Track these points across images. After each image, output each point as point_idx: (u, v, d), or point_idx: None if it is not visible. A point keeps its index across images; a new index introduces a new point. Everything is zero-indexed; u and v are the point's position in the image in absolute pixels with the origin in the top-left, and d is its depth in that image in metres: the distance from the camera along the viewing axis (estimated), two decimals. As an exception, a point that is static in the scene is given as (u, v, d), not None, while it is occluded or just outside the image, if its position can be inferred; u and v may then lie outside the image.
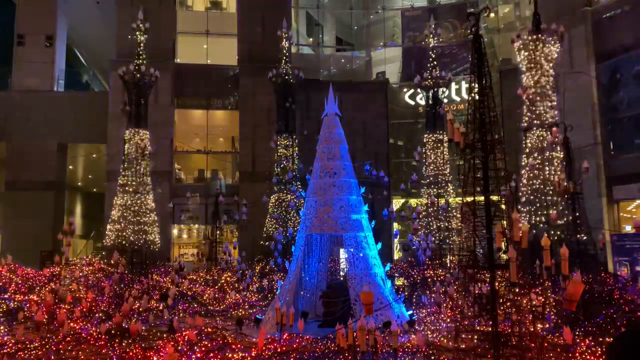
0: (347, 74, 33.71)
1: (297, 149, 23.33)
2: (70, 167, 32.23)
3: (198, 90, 29.39)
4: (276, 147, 22.58)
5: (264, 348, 8.99)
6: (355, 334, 6.91)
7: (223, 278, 18.32)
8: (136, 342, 9.96)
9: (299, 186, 22.44)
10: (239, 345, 9.60)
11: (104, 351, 9.34)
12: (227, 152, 30.58)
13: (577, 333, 8.37)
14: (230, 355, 8.57)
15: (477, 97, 6.21)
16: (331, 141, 14.94)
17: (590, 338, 8.17)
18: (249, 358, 8.46)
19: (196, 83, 29.09)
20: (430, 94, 23.16)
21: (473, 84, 6.38)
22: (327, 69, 34.92)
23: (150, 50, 22.70)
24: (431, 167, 22.61)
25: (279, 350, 9.10)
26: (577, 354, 7.56)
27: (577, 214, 13.72)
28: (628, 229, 23.12)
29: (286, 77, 23.49)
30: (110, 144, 27.15)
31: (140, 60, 20.37)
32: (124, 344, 9.89)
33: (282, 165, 22.07)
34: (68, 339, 10.03)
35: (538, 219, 15.50)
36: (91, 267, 17.31)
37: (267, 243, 21.10)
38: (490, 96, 6.25)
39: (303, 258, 14.69)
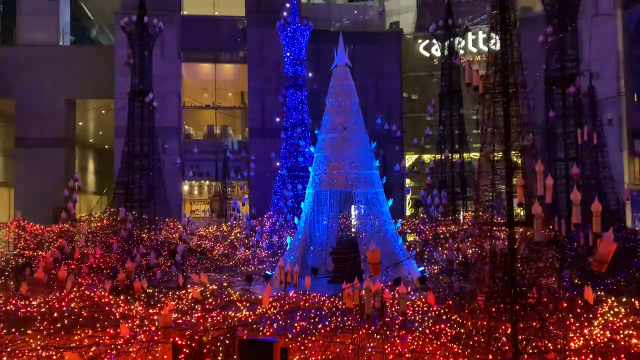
0: (359, 25, 32.45)
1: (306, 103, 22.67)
2: (80, 123, 31.94)
3: (205, 43, 28.50)
4: (284, 100, 21.93)
5: (269, 306, 8.73)
6: (362, 293, 6.56)
7: (233, 234, 18.16)
8: (140, 300, 9.78)
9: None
10: (244, 303, 9.37)
11: (107, 308, 9.17)
12: (236, 108, 29.99)
13: (599, 292, 7.96)
14: (233, 313, 8.33)
15: (498, 35, 5.57)
16: (341, 94, 14.30)
17: (613, 298, 7.77)
18: (252, 316, 8.22)
19: (203, 36, 28.17)
20: (446, 45, 22.13)
21: (494, 22, 5.73)
22: (339, 20, 33.63)
23: (156, 2, 21.86)
24: (446, 121, 21.85)
25: (285, 307, 8.85)
26: (599, 314, 7.17)
27: (600, 167, 13.09)
28: (649, 184, 22.41)
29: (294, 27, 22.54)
30: (117, 99, 26.66)
31: (143, 12, 19.59)
32: (128, 301, 9.73)
33: (291, 121, 21.47)
34: (71, 295, 9.88)
35: (559, 173, 14.85)
36: (99, 224, 17.20)
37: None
38: (513, 34, 5.61)
39: (313, 215, 14.38)
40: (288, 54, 22.34)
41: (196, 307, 8.81)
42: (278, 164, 22.16)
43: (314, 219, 14.54)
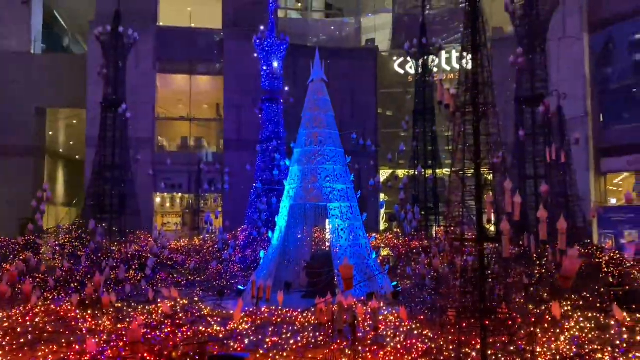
0: (336, 41, 32.81)
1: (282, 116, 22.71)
2: (50, 132, 31.28)
3: (181, 54, 28.37)
4: (260, 113, 21.93)
5: (241, 321, 8.64)
6: (334, 307, 6.55)
7: (205, 248, 17.94)
8: (109, 314, 9.56)
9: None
10: (215, 318, 9.25)
11: (73, 323, 8.93)
12: (211, 120, 29.84)
13: (566, 307, 8.12)
14: (204, 329, 8.20)
15: (469, 55, 5.72)
16: (317, 108, 14.39)
17: (579, 313, 7.93)
18: (223, 331, 8.11)
19: (179, 47, 28.05)
20: (420, 63, 22.54)
21: (465, 42, 5.88)
22: (316, 35, 33.95)
23: (131, 12, 21.70)
24: (420, 138, 22.17)
25: (257, 323, 8.77)
26: (566, 329, 7.30)
27: (568, 186, 13.44)
28: (613, 202, 23.06)
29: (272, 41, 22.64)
30: (90, 108, 26.24)
31: (119, 21, 19.44)
32: (96, 315, 9.49)
33: (267, 134, 21.44)
34: (36, 310, 9.60)
35: (528, 190, 15.19)
36: (68, 236, 16.79)
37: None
38: (484, 54, 5.76)
39: (287, 228, 14.33)
40: (264, 68, 22.40)
41: (166, 322, 8.64)
42: (253, 176, 22.07)
43: (289, 232, 14.49)
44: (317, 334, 7.86)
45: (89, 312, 9.75)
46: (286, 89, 24.31)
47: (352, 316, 6.39)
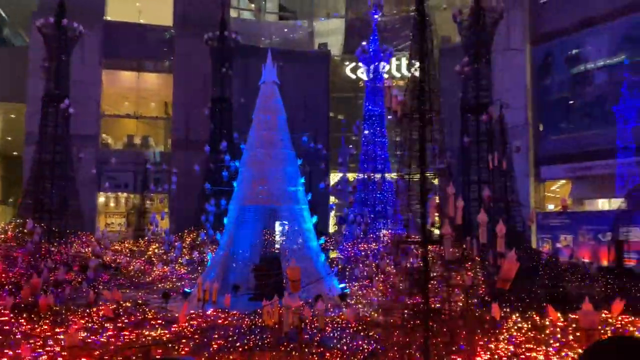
0: (289, 44, 32.82)
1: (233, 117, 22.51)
2: (-14, 127, 29.70)
3: (129, 51, 27.57)
4: (211, 114, 21.64)
5: (186, 324, 8.48)
6: (281, 310, 6.56)
7: (150, 250, 17.50)
8: (46, 318, 9.15)
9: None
10: (159, 321, 9.03)
11: (6, 327, 8.48)
12: (159, 118, 29.15)
13: (505, 309, 8.46)
14: (147, 332, 8.00)
15: (417, 63, 5.88)
16: (268, 110, 14.35)
17: (517, 314, 8.28)
18: (168, 335, 7.94)
19: (127, 43, 27.25)
20: (371, 68, 22.91)
21: (413, 51, 6.05)
22: (269, 37, 33.84)
23: (77, 5, 20.90)
24: (370, 142, 22.53)
25: (202, 325, 8.62)
26: (504, 330, 7.60)
27: (509, 191, 14.01)
28: (551, 207, 24.21)
29: (224, 41, 22.41)
30: (29, 103, 25.06)
31: (63, 14, 18.68)
32: (32, 319, 9.06)
33: (216, 134, 21.19)
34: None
35: (474, 195, 15.72)
36: (3, 236, 15.96)
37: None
38: (432, 63, 5.94)
39: (235, 230, 14.18)
40: (215, 67, 22.14)
41: (107, 325, 8.37)
42: (201, 177, 21.72)
43: (237, 235, 14.35)
44: (264, 336, 7.83)
45: (24, 316, 9.30)
46: (237, 89, 24.10)
47: (298, 318, 6.42)
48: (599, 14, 20.87)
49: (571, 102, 23.11)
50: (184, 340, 7.77)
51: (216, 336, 8.04)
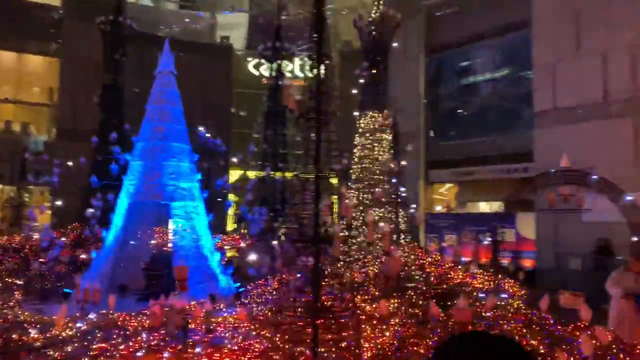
0: (189, 34, 31.79)
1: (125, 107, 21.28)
2: None
3: (10, 28, 25.11)
4: (100, 103, 20.32)
5: (65, 327, 7.87)
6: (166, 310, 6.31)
7: (27, 246, 16.07)
8: None
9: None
10: (34, 325, 8.30)
11: None
12: (42, 104, 26.87)
13: (393, 305, 8.83)
14: (17, 337, 7.31)
15: (315, 64, 5.95)
16: (164, 101, 13.78)
17: (403, 309, 8.68)
18: (42, 339, 7.31)
19: (8, 20, 24.81)
20: (275, 66, 22.90)
21: (312, 51, 6.11)
22: (168, 25, 32.52)
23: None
24: (270, 140, 22.50)
25: (83, 328, 8.05)
26: (391, 326, 7.93)
27: (399, 193, 14.68)
28: (438, 208, 25.78)
29: (118, 26, 21.12)
30: None
31: None
32: None
33: (106, 124, 19.91)
34: None
35: (366, 196, 16.23)
36: None
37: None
38: (330, 65, 6.04)
39: (124, 227, 13.45)
40: (108, 53, 20.83)
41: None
42: (87, 170, 20.30)
43: (126, 232, 13.61)
44: (150, 338, 7.48)
45: None
46: (131, 77, 22.87)
47: (184, 319, 6.22)
48: (485, 31, 22.56)
49: (459, 111, 24.75)
50: (60, 345, 7.20)
51: (98, 339, 7.55)
